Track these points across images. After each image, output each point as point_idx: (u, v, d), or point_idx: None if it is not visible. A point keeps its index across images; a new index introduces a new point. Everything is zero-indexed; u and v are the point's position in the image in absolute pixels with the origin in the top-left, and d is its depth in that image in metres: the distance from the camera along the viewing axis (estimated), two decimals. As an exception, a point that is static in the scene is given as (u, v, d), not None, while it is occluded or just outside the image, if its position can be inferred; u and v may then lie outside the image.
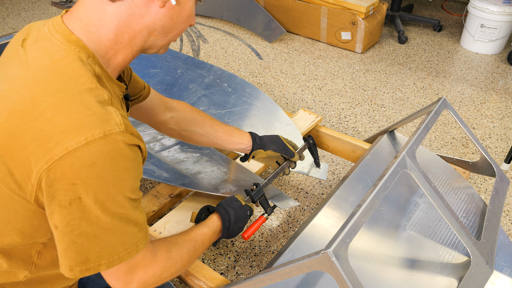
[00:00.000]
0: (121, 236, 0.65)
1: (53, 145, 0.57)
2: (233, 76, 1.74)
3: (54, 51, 0.64)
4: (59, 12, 3.46)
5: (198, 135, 1.10)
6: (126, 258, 0.66)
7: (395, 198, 1.11)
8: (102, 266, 0.64)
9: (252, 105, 1.60)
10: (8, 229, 0.66)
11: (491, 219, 1.04)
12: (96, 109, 0.60)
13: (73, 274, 0.64)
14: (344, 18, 2.80)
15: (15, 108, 0.60)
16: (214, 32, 3.18)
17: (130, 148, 0.62)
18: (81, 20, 0.67)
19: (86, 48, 0.66)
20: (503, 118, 2.24)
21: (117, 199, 0.62)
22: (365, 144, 1.43)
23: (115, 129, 0.60)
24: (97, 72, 0.66)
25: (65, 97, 0.60)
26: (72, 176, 0.58)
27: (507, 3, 2.66)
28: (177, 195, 1.24)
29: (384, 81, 2.58)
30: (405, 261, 0.96)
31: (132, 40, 0.70)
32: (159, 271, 0.74)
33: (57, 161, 0.57)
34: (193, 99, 1.61)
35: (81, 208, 0.60)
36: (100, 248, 0.63)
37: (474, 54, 2.89)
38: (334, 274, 0.67)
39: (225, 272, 1.44)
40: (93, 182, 0.59)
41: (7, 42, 1.89)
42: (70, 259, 0.63)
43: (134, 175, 0.64)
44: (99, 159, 0.58)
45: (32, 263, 0.71)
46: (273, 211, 1.15)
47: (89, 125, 0.58)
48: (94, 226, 0.61)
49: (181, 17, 0.73)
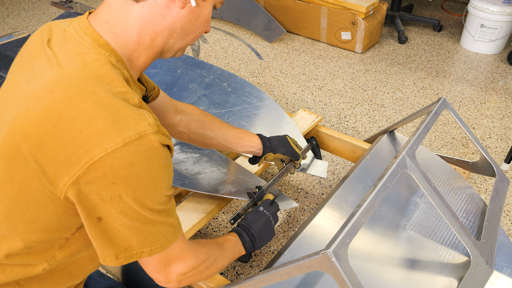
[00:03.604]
0: (161, 227, 0.68)
1: (92, 146, 0.59)
2: (233, 75, 1.74)
3: (85, 53, 0.66)
4: (59, 12, 3.46)
5: (207, 138, 1.12)
6: (167, 245, 0.70)
7: (395, 198, 1.11)
8: (145, 253, 0.68)
9: (251, 104, 1.60)
10: (36, 225, 0.68)
11: (491, 219, 1.04)
12: (131, 111, 0.63)
13: (119, 262, 0.67)
14: (344, 18, 2.80)
15: (51, 108, 0.62)
16: (214, 32, 3.18)
17: (163, 148, 0.65)
18: (107, 23, 0.69)
19: (115, 52, 0.69)
20: (503, 118, 2.24)
21: (154, 196, 0.65)
22: (365, 144, 1.43)
23: (149, 130, 0.63)
24: (125, 76, 0.69)
25: (100, 99, 0.62)
26: (111, 176, 0.60)
27: (507, 3, 2.66)
28: (176, 195, 1.24)
29: (384, 81, 2.58)
30: (405, 261, 0.96)
31: (154, 42, 0.73)
32: (197, 263, 0.78)
33: (96, 162, 0.59)
34: (193, 99, 1.61)
35: (122, 204, 0.63)
36: (142, 239, 0.67)
37: (474, 54, 2.89)
38: (334, 274, 0.67)
39: (225, 272, 1.44)
40: (132, 182, 0.62)
41: (7, 42, 1.88)
42: (115, 247, 0.66)
43: (168, 173, 0.68)
44: (136, 159, 0.61)
45: (53, 256, 0.73)
46: None
47: (125, 126, 0.61)
48: (135, 221, 0.65)
49: (200, 20, 0.75)
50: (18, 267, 0.72)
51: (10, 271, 0.72)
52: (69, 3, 3.46)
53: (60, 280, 0.78)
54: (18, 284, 0.74)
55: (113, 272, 1.35)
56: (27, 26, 3.24)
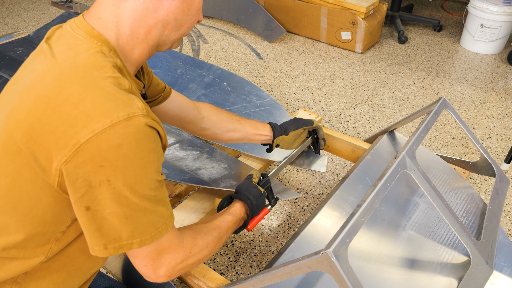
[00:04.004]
0: (151, 216, 0.67)
1: (79, 129, 0.59)
2: (233, 75, 1.75)
3: (78, 45, 0.68)
4: (59, 12, 3.46)
5: (229, 131, 1.15)
6: (158, 237, 0.68)
7: (395, 198, 1.11)
8: (135, 244, 0.66)
9: (251, 102, 1.60)
10: (30, 217, 0.67)
11: (491, 219, 1.04)
12: (120, 94, 0.63)
13: (107, 252, 0.66)
14: (344, 18, 2.80)
15: (41, 94, 0.62)
16: (214, 32, 3.18)
17: (152, 130, 0.65)
18: (100, 19, 0.71)
19: (108, 42, 0.70)
20: (503, 118, 2.24)
21: (145, 181, 0.64)
22: (365, 144, 1.43)
23: (138, 112, 0.62)
24: (118, 65, 0.69)
25: (89, 83, 0.62)
26: (100, 158, 0.60)
27: (507, 3, 2.66)
28: (176, 195, 1.24)
29: (384, 81, 2.58)
30: (405, 261, 0.96)
31: (148, 35, 0.73)
32: (185, 256, 0.76)
33: (84, 143, 0.59)
34: (192, 99, 1.61)
35: (110, 190, 0.61)
36: (132, 228, 0.65)
37: (474, 54, 2.89)
38: (334, 274, 0.67)
39: (225, 272, 1.44)
40: (121, 164, 0.61)
41: (7, 42, 1.89)
42: (104, 237, 0.65)
43: (158, 156, 0.66)
44: (124, 140, 0.60)
45: (49, 249, 0.73)
46: (276, 203, 1.16)
47: (113, 108, 0.61)
48: (125, 208, 0.63)
49: (192, 10, 0.77)
50: (15, 261, 0.72)
51: (7, 266, 0.72)
52: (69, 3, 3.46)
53: (59, 280, 0.78)
54: (15, 282, 0.74)
55: (113, 272, 1.35)
56: (27, 26, 3.24)
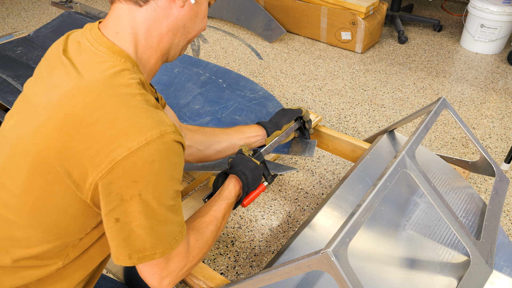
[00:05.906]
0: (171, 226, 0.70)
1: (115, 147, 0.62)
2: (228, 71, 1.74)
3: (102, 62, 0.69)
4: (59, 12, 3.46)
5: (215, 144, 1.13)
6: (175, 246, 0.71)
7: (395, 198, 1.11)
8: (157, 254, 0.69)
9: (245, 97, 1.60)
10: (54, 229, 0.70)
11: (491, 219, 1.04)
12: (150, 112, 0.66)
13: (131, 262, 0.68)
14: (344, 18, 2.80)
15: (73, 113, 0.64)
16: (214, 32, 3.18)
17: (179, 145, 0.69)
18: (118, 33, 0.73)
19: (130, 58, 0.72)
20: (503, 118, 2.24)
21: (170, 193, 0.68)
22: (365, 144, 1.43)
23: (169, 129, 0.66)
24: (142, 80, 0.71)
25: (120, 101, 0.65)
26: (133, 174, 0.63)
27: (507, 3, 2.66)
28: (177, 195, 1.24)
29: (384, 81, 2.58)
30: (405, 261, 0.96)
31: (160, 43, 0.76)
32: (187, 260, 0.77)
33: (120, 161, 0.62)
34: (188, 98, 1.61)
35: (141, 203, 0.64)
36: (156, 239, 0.68)
37: (474, 54, 2.89)
38: (334, 274, 0.67)
39: (225, 272, 1.44)
40: (152, 179, 0.64)
41: (7, 42, 1.89)
42: (129, 248, 0.67)
43: (181, 169, 0.71)
44: (157, 157, 0.64)
45: (66, 254, 0.75)
46: (273, 180, 1.15)
47: (147, 126, 0.64)
48: (151, 220, 0.66)
49: (199, 17, 0.79)
50: (32, 269, 0.73)
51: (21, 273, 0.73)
52: (69, 3, 3.46)
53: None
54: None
55: (114, 272, 1.35)
56: (27, 26, 3.24)
